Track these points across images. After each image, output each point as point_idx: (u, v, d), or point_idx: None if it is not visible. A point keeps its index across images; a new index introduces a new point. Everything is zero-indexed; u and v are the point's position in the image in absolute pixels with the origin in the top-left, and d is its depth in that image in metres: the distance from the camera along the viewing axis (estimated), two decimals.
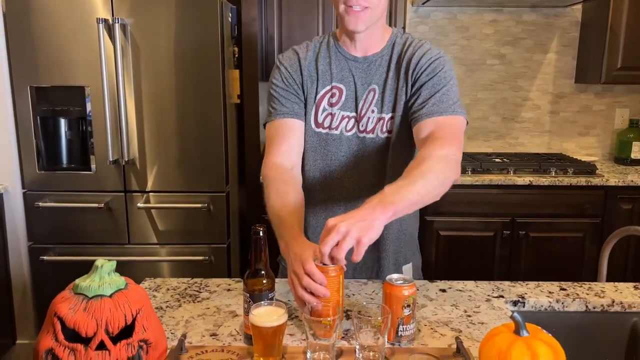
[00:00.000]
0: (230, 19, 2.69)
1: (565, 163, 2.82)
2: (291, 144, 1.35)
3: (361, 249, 0.94)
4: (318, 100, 1.37)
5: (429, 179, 1.08)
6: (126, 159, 2.49)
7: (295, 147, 1.36)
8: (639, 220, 2.70)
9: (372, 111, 1.34)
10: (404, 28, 2.82)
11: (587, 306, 1.25)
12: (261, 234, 1.01)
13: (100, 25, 2.36)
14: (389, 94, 1.33)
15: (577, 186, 2.68)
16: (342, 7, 1.26)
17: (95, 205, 2.53)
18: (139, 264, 2.57)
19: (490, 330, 0.93)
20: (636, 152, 3.07)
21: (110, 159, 2.48)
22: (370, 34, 1.32)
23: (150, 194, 2.55)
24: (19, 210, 2.59)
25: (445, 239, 2.74)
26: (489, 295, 1.29)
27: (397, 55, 1.34)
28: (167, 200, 2.56)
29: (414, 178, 1.07)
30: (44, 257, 2.56)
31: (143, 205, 2.55)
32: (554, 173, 2.74)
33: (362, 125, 1.35)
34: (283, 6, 2.76)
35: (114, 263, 0.91)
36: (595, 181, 2.67)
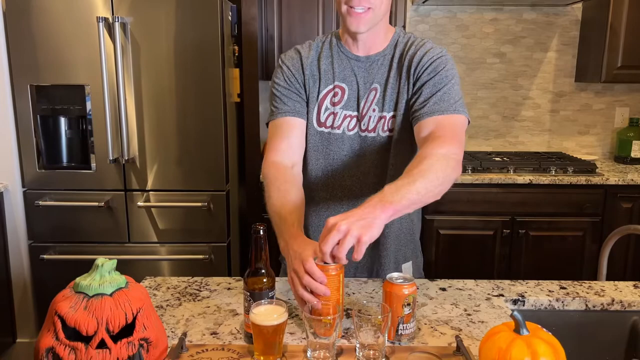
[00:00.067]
0: (230, 17, 2.69)
1: (565, 162, 2.82)
2: (292, 142, 1.35)
3: (362, 248, 0.94)
4: (320, 99, 1.37)
5: (429, 178, 1.08)
6: (126, 158, 2.49)
7: (296, 145, 1.36)
8: (639, 219, 2.70)
9: (374, 110, 1.34)
10: (404, 27, 2.82)
11: (587, 305, 1.26)
12: (261, 233, 1.01)
13: (100, 23, 2.36)
14: (390, 93, 1.33)
15: (577, 185, 2.68)
16: (345, 8, 1.26)
17: (95, 204, 2.53)
18: (139, 262, 2.58)
19: (490, 329, 0.93)
20: (636, 151, 3.07)
21: (111, 158, 2.48)
22: (373, 34, 1.32)
23: (151, 192, 2.55)
24: (19, 209, 2.59)
25: (445, 238, 2.74)
26: (489, 294, 1.29)
27: (399, 54, 1.34)
28: (167, 198, 2.56)
29: (413, 177, 1.07)
30: (44, 256, 2.57)
31: (143, 204, 2.55)
32: (554, 172, 2.74)
33: (364, 124, 1.35)
34: (283, 5, 2.76)
35: (114, 262, 0.91)
36: (595, 180, 2.67)
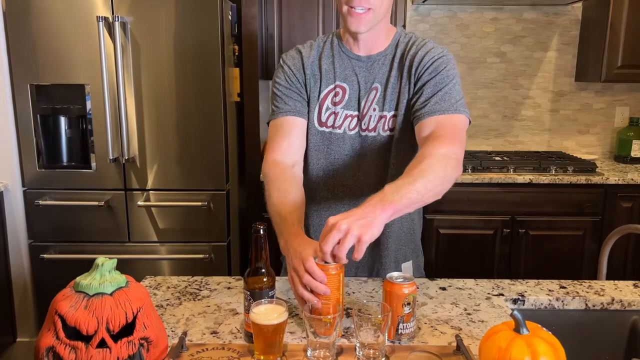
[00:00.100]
0: (230, 17, 2.69)
1: (565, 161, 2.82)
2: (293, 142, 1.35)
3: (362, 247, 0.94)
4: (321, 99, 1.37)
5: (429, 178, 1.08)
6: (126, 157, 2.49)
7: (296, 144, 1.36)
8: (638, 219, 2.70)
9: (374, 109, 1.34)
10: (404, 26, 2.82)
11: (586, 304, 1.26)
12: (262, 232, 1.01)
13: (100, 23, 2.36)
14: (390, 92, 1.33)
15: (577, 184, 2.68)
16: (345, 8, 1.26)
17: (95, 203, 2.53)
18: (139, 262, 2.58)
19: (490, 328, 0.93)
20: (636, 151, 3.07)
21: (111, 157, 2.48)
22: (374, 34, 1.32)
23: (151, 192, 2.55)
24: (19, 208, 2.59)
25: (445, 237, 2.74)
26: (489, 293, 1.29)
27: (401, 54, 1.34)
28: (167, 198, 2.56)
29: (414, 177, 1.07)
30: (44, 255, 2.57)
31: (143, 203, 2.55)
32: (554, 171, 2.74)
33: (365, 124, 1.35)
34: (283, 4, 2.75)
35: (114, 261, 0.91)
36: (595, 179, 2.67)
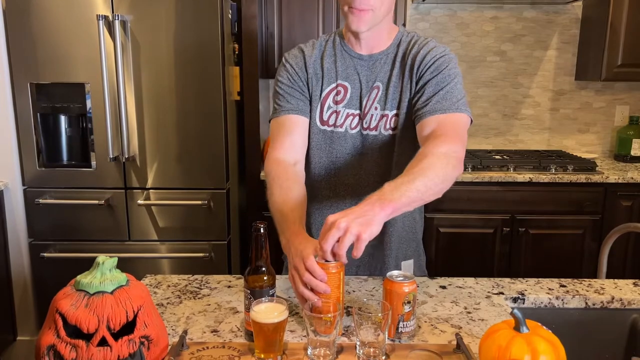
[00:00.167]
0: (230, 15, 2.69)
1: (565, 160, 2.82)
2: (295, 140, 1.35)
3: (361, 245, 0.94)
4: (323, 98, 1.37)
5: (429, 177, 1.08)
6: (126, 156, 2.49)
7: (298, 142, 1.36)
8: (638, 217, 2.70)
9: (375, 108, 1.34)
10: (404, 24, 2.82)
11: (586, 303, 1.26)
12: (262, 231, 1.01)
13: (100, 22, 2.36)
14: (392, 91, 1.33)
15: (577, 183, 2.68)
16: (346, 8, 1.27)
17: (95, 202, 2.53)
18: (139, 260, 2.58)
19: (490, 327, 0.93)
20: (636, 149, 3.08)
21: (111, 156, 2.48)
22: (376, 33, 1.32)
23: (151, 190, 2.55)
24: (19, 207, 2.59)
25: (445, 236, 2.74)
26: (489, 292, 1.29)
27: (402, 53, 1.34)
28: (167, 197, 2.56)
29: (414, 175, 1.07)
30: (45, 254, 2.57)
31: (143, 202, 2.55)
32: (554, 170, 2.74)
33: (366, 123, 1.35)
34: (283, 3, 2.75)
35: (115, 259, 0.92)
36: (595, 178, 2.67)
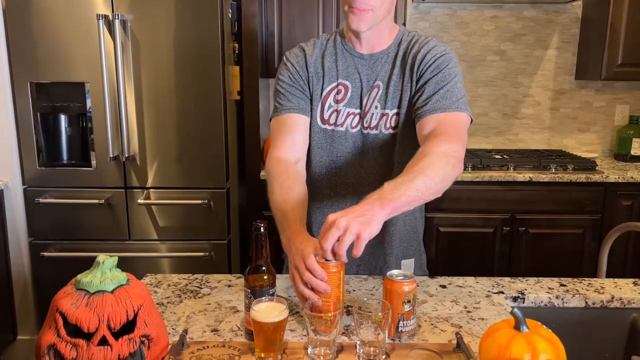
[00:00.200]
0: (230, 14, 2.69)
1: (565, 159, 2.82)
2: (296, 139, 1.35)
3: (361, 244, 0.95)
4: (324, 96, 1.37)
5: (429, 176, 1.08)
6: (126, 155, 2.49)
7: (299, 141, 1.36)
8: (638, 217, 2.70)
9: (376, 107, 1.34)
10: (404, 24, 2.82)
11: (586, 302, 1.26)
12: (262, 230, 1.01)
13: (100, 21, 2.36)
14: (392, 90, 1.33)
15: (577, 182, 2.68)
16: (346, 8, 1.27)
17: (95, 201, 2.53)
18: (139, 260, 2.58)
19: (490, 326, 0.93)
20: (636, 149, 3.08)
21: (111, 155, 2.48)
22: (376, 32, 1.32)
23: (151, 190, 2.56)
24: (19, 206, 2.59)
25: (445, 235, 2.75)
26: (489, 291, 1.29)
27: (403, 52, 1.34)
28: (167, 196, 2.56)
29: (413, 174, 1.07)
30: (45, 253, 2.57)
31: (143, 202, 2.55)
32: (553, 169, 2.74)
33: (366, 122, 1.35)
34: (283, 2, 2.75)
35: (115, 259, 0.92)
36: (595, 177, 2.67)
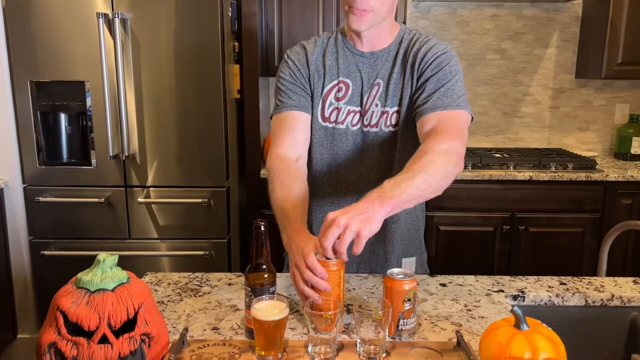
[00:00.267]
0: (230, 13, 2.68)
1: (565, 158, 2.82)
2: (297, 136, 1.36)
3: (361, 242, 0.95)
4: (325, 94, 1.37)
5: (429, 173, 1.08)
6: (126, 154, 2.49)
7: (300, 138, 1.36)
8: (638, 215, 2.70)
9: (376, 105, 1.34)
10: (404, 22, 2.81)
11: (586, 300, 1.26)
12: (262, 229, 1.02)
13: (100, 19, 2.35)
14: (393, 88, 1.33)
15: (577, 181, 2.68)
16: (347, 7, 1.27)
17: (95, 200, 2.53)
18: (139, 258, 2.58)
19: (491, 324, 0.93)
20: (636, 148, 3.07)
21: (111, 154, 2.48)
22: (377, 31, 1.32)
23: (151, 188, 2.56)
24: (19, 205, 2.59)
25: (445, 234, 2.75)
26: (489, 289, 1.29)
27: (404, 50, 1.34)
28: (167, 195, 2.56)
29: (414, 172, 1.07)
30: (45, 252, 2.57)
31: (143, 200, 2.55)
32: (553, 168, 2.74)
33: (367, 120, 1.35)
34: (283, 1, 2.75)
35: (116, 257, 0.92)
36: (595, 176, 2.67)
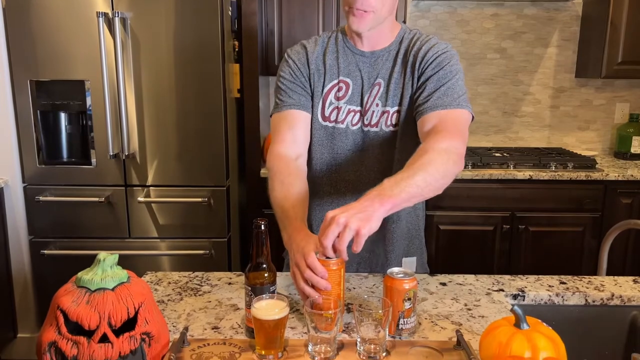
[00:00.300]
0: (230, 12, 2.68)
1: (565, 157, 2.82)
2: (297, 135, 1.36)
3: (360, 240, 0.95)
4: (325, 94, 1.37)
5: (429, 172, 1.08)
6: (126, 153, 2.49)
7: (300, 137, 1.36)
8: (638, 215, 2.71)
9: (377, 105, 1.34)
10: (404, 22, 2.81)
11: (586, 300, 1.26)
12: (262, 228, 1.02)
13: (100, 19, 2.35)
14: (393, 88, 1.33)
15: (577, 180, 2.68)
16: (347, 8, 1.27)
17: (95, 199, 2.53)
18: (139, 257, 2.58)
19: (491, 324, 0.93)
20: (636, 147, 3.07)
21: (111, 153, 2.48)
22: (378, 31, 1.32)
23: (151, 188, 2.55)
24: (19, 204, 2.59)
25: (445, 233, 2.75)
26: (489, 288, 1.29)
27: (405, 50, 1.34)
28: (167, 194, 2.56)
29: (414, 171, 1.07)
30: (45, 251, 2.57)
31: (143, 200, 2.55)
32: (554, 167, 2.74)
33: (367, 119, 1.35)
34: (283, 0, 2.75)
35: (116, 256, 0.92)
36: (595, 175, 2.67)
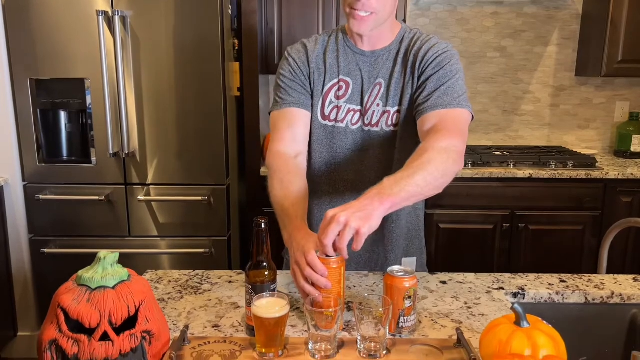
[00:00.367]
0: (230, 11, 2.68)
1: (565, 156, 2.82)
2: (296, 133, 1.35)
3: (361, 239, 0.95)
4: (325, 92, 1.37)
5: (429, 171, 1.08)
6: (126, 152, 2.49)
7: (300, 136, 1.36)
8: (638, 213, 2.71)
9: (377, 105, 1.34)
10: (404, 20, 2.81)
11: (586, 298, 1.26)
12: (263, 226, 1.02)
13: (100, 17, 2.35)
14: (394, 88, 1.33)
15: (577, 179, 2.68)
16: (348, 10, 1.27)
17: (95, 197, 2.53)
18: (139, 256, 2.58)
19: (491, 322, 0.93)
20: (636, 145, 3.08)
21: (111, 152, 2.48)
22: (379, 31, 1.32)
23: (151, 186, 2.56)
24: (19, 202, 2.59)
25: (445, 232, 2.75)
26: (489, 287, 1.29)
27: (405, 49, 1.34)
28: (167, 192, 2.56)
29: (413, 170, 1.07)
30: (45, 250, 2.57)
31: (143, 198, 2.55)
32: (553, 166, 2.74)
33: (367, 119, 1.35)
34: None
35: (116, 255, 0.92)
36: (595, 174, 2.67)
